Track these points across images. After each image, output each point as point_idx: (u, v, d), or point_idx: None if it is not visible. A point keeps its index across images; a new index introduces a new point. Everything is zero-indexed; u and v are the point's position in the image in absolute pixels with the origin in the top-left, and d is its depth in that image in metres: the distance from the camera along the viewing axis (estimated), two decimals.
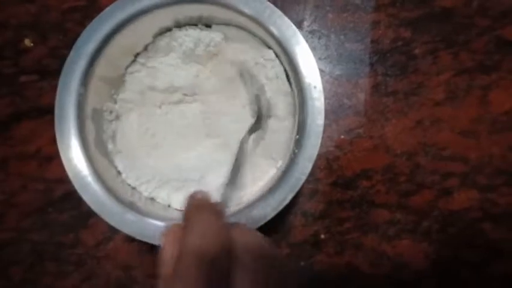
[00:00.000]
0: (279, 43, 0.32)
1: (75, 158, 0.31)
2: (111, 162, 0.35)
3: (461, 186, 0.40)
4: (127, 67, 0.38)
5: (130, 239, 0.40)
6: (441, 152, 0.40)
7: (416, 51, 0.40)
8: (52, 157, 0.41)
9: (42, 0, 0.42)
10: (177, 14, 0.35)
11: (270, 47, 0.36)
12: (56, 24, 0.42)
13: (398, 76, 0.40)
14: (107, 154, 0.35)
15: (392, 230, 0.40)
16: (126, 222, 0.31)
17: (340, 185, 0.40)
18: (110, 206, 0.31)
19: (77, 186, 0.31)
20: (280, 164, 0.35)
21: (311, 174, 0.38)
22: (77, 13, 0.42)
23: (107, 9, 0.33)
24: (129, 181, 0.36)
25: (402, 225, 0.40)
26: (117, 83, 0.37)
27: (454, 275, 0.40)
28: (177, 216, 0.34)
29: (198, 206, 0.24)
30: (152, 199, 0.36)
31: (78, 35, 0.41)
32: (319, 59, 0.41)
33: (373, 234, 0.40)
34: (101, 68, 0.33)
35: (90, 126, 0.33)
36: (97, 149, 0.34)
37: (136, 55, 0.38)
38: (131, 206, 0.31)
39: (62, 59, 0.42)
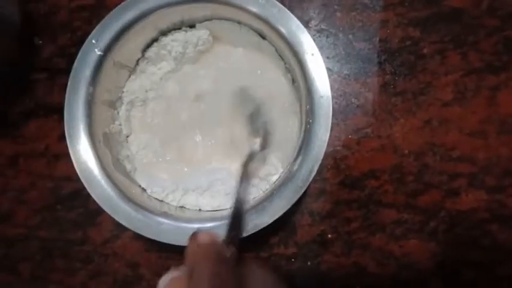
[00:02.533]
0: (267, 22, 0.32)
1: (99, 185, 0.32)
2: (133, 180, 0.36)
3: (469, 187, 0.40)
4: (124, 85, 0.38)
5: (137, 237, 0.40)
6: (449, 152, 0.40)
7: (425, 50, 0.40)
8: (60, 155, 0.41)
9: None
10: (159, 23, 0.35)
11: (258, 31, 0.36)
12: (64, 23, 0.43)
13: (406, 76, 0.40)
14: (126, 174, 0.36)
15: (399, 230, 0.40)
16: (162, 232, 0.31)
17: (347, 185, 0.40)
18: (143, 220, 0.31)
19: (108, 210, 0.31)
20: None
21: (318, 173, 0.38)
22: (85, 12, 0.43)
23: (92, 33, 0.34)
24: (155, 195, 0.36)
25: (409, 225, 0.40)
26: (118, 103, 0.38)
27: (461, 276, 0.40)
28: (209, 216, 0.34)
29: (204, 254, 0.22)
30: (182, 207, 0.36)
31: (86, 33, 0.42)
32: (327, 58, 0.41)
33: (380, 234, 0.40)
34: (101, 92, 0.33)
35: (104, 150, 0.33)
36: (117, 171, 0.34)
37: (130, 73, 0.38)
38: (165, 216, 0.32)
39: (71, 58, 0.42)
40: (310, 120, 0.31)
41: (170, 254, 0.40)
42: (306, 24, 0.41)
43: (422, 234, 0.39)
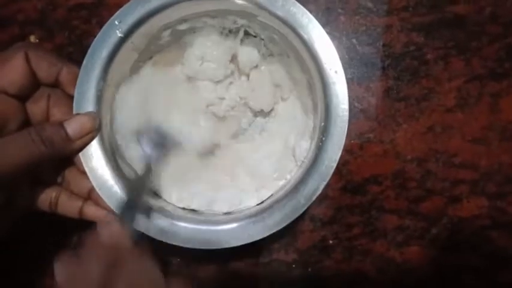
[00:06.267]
0: (294, 30, 0.31)
1: (99, 168, 0.30)
2: (130, 166, 0.34)
3: (471, 194, 0.39)
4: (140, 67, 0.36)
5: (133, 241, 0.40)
6: (451, 159, 0.39)
7: (428, 56, 0.40)
8: None
9: None
10: (186, 14, 0.34)
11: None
12: (62, 21, 0.42)
13: (410, 81, 0.40)
14: (125, 159, 0.34)
15: (401, 236, 0.39)
16: (155, 227, 0.30)
17: (349, 190, 0.39)
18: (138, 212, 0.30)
19: (103, 196, 0.30)
20: (303, 157, 0.34)
21: None
22: (84, 10, 0.42)
23: (116, 13, 0.32)
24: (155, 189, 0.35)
25: (411, 231, 0.39)
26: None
27: (462, 283, 0.40)
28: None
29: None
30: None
31: (84, 32, 0.41)
32: None
33: (382, 240, 0.39)
34: (115, 74, 0.32)
35: (110, 133, 0.32)
36: (119, 157, 0.33)
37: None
38: (160, 211, 0.31)
39: (68, 57, 0.41)
40: (324, 138, 0.30)
41: (167, 258, 0.39)
42: None
43: (423, 241, 0.39)
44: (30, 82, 0.30)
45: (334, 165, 0.30)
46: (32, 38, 0.42)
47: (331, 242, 0.39)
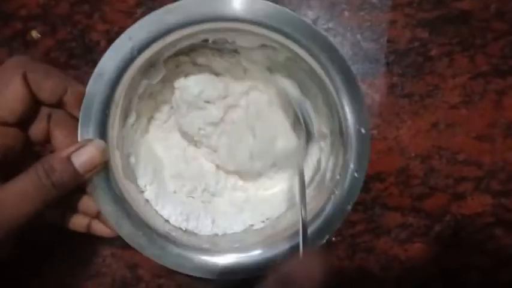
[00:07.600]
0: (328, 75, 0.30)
1: (106, 195, 0.29)
2: (139, 188, 0.34)
3: (475, 191, 0.39)
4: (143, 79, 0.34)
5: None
6: (455, 156, 0.39)
7: (433, 52, 0.40)
8: None
9: None
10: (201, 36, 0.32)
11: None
12: (64, 16, 0.41)
13: (414, 77, 0.40)
14: (134, 180, 0.33)
15: (404, 233, 0.39)
16: (166, 255, 0.30)
17: None
18: (145, 240, 0.30)
19: (112, 222, 0.29)
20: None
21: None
22: (86, 5, 0.41)
23: (129, 29, 0.29)
24: (161, 212, 0.34)
25: (414, 228, 0.39)
26: (136, 99, 0.34)
27: (465, 280, 0.39)
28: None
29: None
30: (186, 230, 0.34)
31: (86, 27, 0.41)
32: None
33: (385, 237, 0.39)
34: (123, 89, 0.30)
35: (115, 151, 0.31)
36: (125, 176, 0.31)
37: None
38: (167, 237, 0.30)
39: (70, 52, 0.41)
40: (336, 192, 0.30)
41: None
42: (314, 23, 0.40)
43: (427, 238, 0.39)
44: (31, 107, 0.28)
45: (339, 223, 0.30)
46: (34, 33, 0.41)
47: (334, 239, 0.39)
